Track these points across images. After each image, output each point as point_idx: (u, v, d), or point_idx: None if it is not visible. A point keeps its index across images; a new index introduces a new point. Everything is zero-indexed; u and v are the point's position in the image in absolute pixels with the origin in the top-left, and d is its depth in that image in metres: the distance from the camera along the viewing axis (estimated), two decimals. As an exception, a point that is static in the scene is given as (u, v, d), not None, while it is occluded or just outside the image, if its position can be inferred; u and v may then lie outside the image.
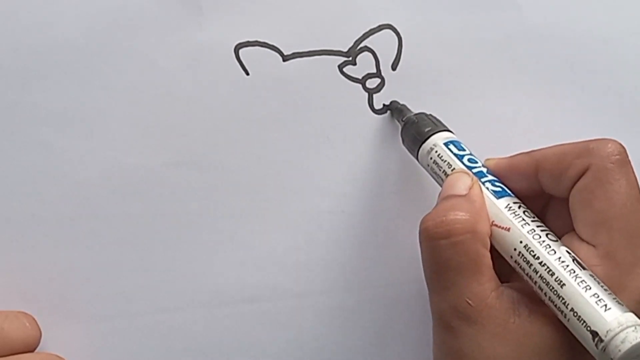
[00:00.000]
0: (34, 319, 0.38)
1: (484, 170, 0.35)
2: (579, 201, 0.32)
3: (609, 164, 0.32)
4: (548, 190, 0.34)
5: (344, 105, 0.40)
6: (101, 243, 0.38)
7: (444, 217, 0.31)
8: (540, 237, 0.31)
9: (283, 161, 0.39)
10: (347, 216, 0.40)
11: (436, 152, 0.36)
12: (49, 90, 0.37)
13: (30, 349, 0.37)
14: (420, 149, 0.36)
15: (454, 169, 0.35)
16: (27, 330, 0.37)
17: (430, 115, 0.38)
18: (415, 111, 0.38)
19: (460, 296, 0.31)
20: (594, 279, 0.30)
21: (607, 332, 0.28)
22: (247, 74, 0.39)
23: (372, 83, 0.40)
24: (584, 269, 0.30)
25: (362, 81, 0.40)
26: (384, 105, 0.40)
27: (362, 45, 0.40)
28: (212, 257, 0.39)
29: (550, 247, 0.31)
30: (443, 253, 0.31)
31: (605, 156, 0.32)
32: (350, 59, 0.40)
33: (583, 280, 0.30)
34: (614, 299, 0.29)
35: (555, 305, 0.30)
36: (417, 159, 0.37)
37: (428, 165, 0.36)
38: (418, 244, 0.34)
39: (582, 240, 0.32)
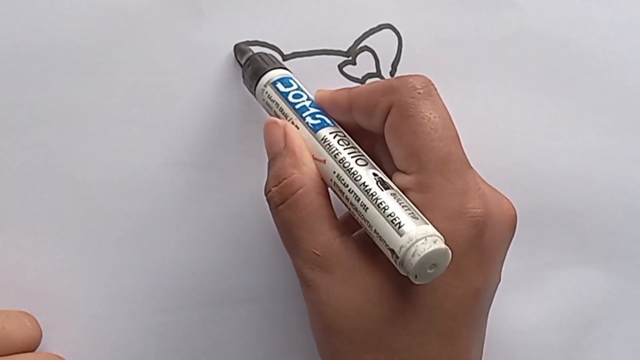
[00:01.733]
0: (34, 318, 0.38)
1: (307, 104, 0.35)
2: (390, 138, 0.33)
3: (410, 98, 0.32)
4: (365, 127, 0.35)
5: (344, 105, 0.40)
6: (101, 243, 0.38)
7: (274, 184, 0.33)
8: (349, 164, 0.32)
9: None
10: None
11: (266, 92, 0.36)
12: (49, 90, 0.37)
13: (31, 348, 0.37)
14: (256, 89, 0.37)
15: (281, 108, 0.35)
16: (28, 330, 0.37)
17: (267, 54, 0.38)
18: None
19: (307, 249, 0.32)
20: (394, 197, 0.31)
21: (400, 248, 0.29)
22: (247, 73, 0.39)
23: (372, 83, 0.40)
24: (386, 189, 0.31)
25: (362, 81, 0.40)
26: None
27: (362, 45, 0.40)
28: (212, 257, 0.39)
29: (357, 172, 0.32)
30: (284, 216, 0.33)
31: (406, 92, 0.33)
32: (350, 58, 0.40)
33: (382, 202, 0.31)
34: (411, 214, 0.30)
35: (366, 230, 0.31)
36: (256, 99, 0.37)
37: (263, 106, 0.37)
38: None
39: (399, 171, 0.33)
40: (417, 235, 0.29)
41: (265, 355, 0.40)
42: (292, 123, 0.35)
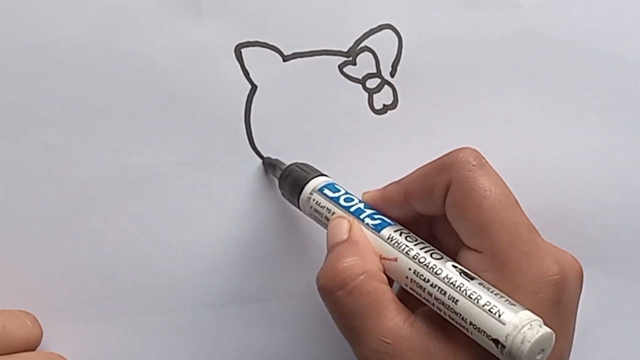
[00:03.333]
0: (35, 318, 0.38)
1: (362, 206, 0.35)
2: (454, 216, 0.32)
3: (467, 172, 0.32)
4: (426, 213, 0.34)
5: (344, 105, 0.40)
6: (101, 243, 0.38)
7: (333, 268, 0.32)
8: (425, 259, 0.32)
9: (283, 161, 0.39)
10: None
11: (314, 200, 0.36)
12: (49, 90, 0.37)
13: (32, 348, 0.37)
14: (300, 200, 0.36)
15: (333, 213, 0.35)
16: (29, 330, 0.37)
17: (303, 163, 0.38)
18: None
19: (375, 338, 0.31)
20: (484, 286, 0.30)
21: (506, 337, 0.28)
22: (247, 74, 0.39)
23: (372, 83, 0.40)
24: (472, 279, 0.31)
25: (362, 81, 0.40)
26: (383, 105, 0.40)
27: (362, 45, 0.40)
28: (212, 257, 0.39)
29: (436, 266, 0.31)
30: (344, 303, 0.31)
31: (461, 166, 0.32)
32: (350, 59, 0.40)
33: (473, 292, 0.30)
34: (506, 301, 0.30)
35: (457, 322, 0.30)
36: (300, 209, 0.37)
37: (311, 214, 0.36)
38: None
39: (470, 249, 0.32)
40: (521, 322, 0.28)
41: (266, 355, 0.40)
42: None
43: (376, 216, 0.34)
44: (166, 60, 0.38)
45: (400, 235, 0.33)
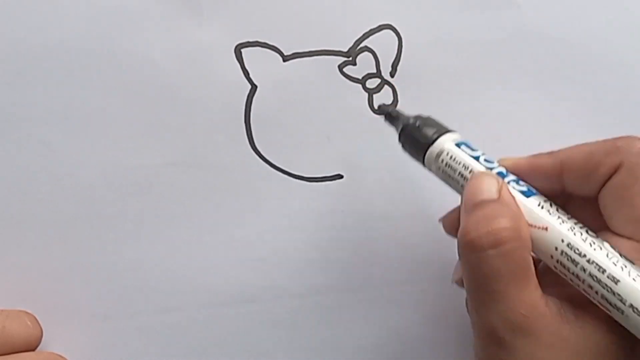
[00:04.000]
0: (35, 318, 0.38)
1: (504, 170, 0.33)
2: (614, 199, 0.31)
3: None
4: (572, 191, 0.33)
5: (344, 105, 0.40)
6: (101, 243, 0.38)
7: (489, 225, 0.30)
8: (582, 234, 0.30)
9: (283, 161, 0.39)
10: (346, 216, 0.40)
11: (448, 154, 0.33)
12: (49, 90, 0.37)
13: (32, 347, 0.37)
14: (427, 154, 0.34)
15: (471, 171, 0.33)
16: (29, 329, 0.37)
17: (429, 117, 0.36)
18: (410, 113, 0.37)
19: (513, 307, 0.29)
20: None
21: None
22: (247, 74, 0.39)
23: (372, 83, 0.40)
24: (633, 263, 0.29)
25: (362, 81, 0.40)
26: (379, 106, 0.40)
27: (362, 45, 0.40)
28: (212, 257, 0.39)
29: (595, 243, 0.30)
30: (492, 263, 0.30)
31: (636, 152, 0.31)
32: (350, 59, 0.40)
33: (638, 274, 0.28)
34: None
35: (610, 303, 0.29)
36: (423, 163, 0.35)
37: (439, 168, 0.34)
38: (418, 245, 0.34)
39: (623, 236, 0.31)
40: None
41: (266, 355, 0.40)
42: None
43: (521, 182, 0.32)
44: (166, 60, 0.38)
45: (551, 205, 0.31)
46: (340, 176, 0.40)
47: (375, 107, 0.40)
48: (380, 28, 0.40)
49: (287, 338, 0.40)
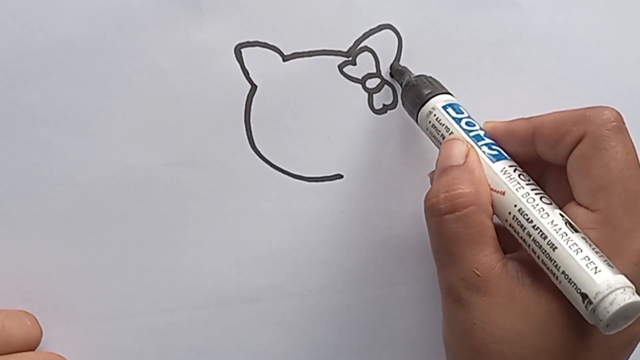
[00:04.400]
0: (35, 317, 0.38)
1: (482, 133, 0.35)
2: (576, 168, 0.32)
3: (605, 130, 0.32)
4: (545, 157, 0.34)
5: (344, 105, 0.40)
6: (101, 243, 0.38)
7: (447, 192, 0.32)
8: (534, 200, 0.31)
9: (283, 161, 0.39)
10: (346, 216, 0.40)
11: (434, 115, 0.35)
12: (49, 90, 0.37)
13: (31, 347, 0.37)
14: (420, 112, 0.36)
15: (451, 132, 0.35)
16: (28, 329, 0.37)
17: (431, 77, 0.38)
18: (416, 73, 0.38)
19: (468, 267, 0.31)
20: (586, 241, 0.30)
21: (596, 294, 0.28)
22: (247, 74, 0.39)
23: (372, 83, 0.40)
24: (576, 231, 0.30)
25: (362, 81, 0.40)
26: (383, 105, 0.40)
27: (362, 45, 0.40)
28: (212, 257, 0.39)
29: (543, 210, 0.31)
30: (449, 227, 0.32)
31: (601, 123, 0.32)
32: (350, 59, 0.40)
33: (575, 244, 0.30)
34: (605, 261, 0.29)
35: (548, 269, 0.30)
36: (416, 122, 0.37)
37: (427, 128, 0.36)
38: (418, 245, 0.34)
39: (581, 205, 0.32)
40: (616, 284, 0.28)
41: (266, 355, 0.40)
42: None
43: (494, 147, 0.34)
44: (166, 60, 0.38)
45: (515, 171, 0.33)
46: (340, 176, 0.40)
47: (375, 107, 0.40)
48: (380, 28, 0.40)
49: (287, 338, 0.40)
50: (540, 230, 0.31)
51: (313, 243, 0.40)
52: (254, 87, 0.39)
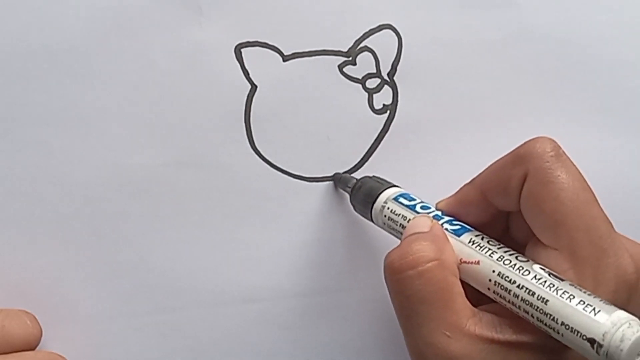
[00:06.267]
0: (34, 317, 0.38)
1: (439, 213, 0.35)
2: (529, 209, 0.31)
3: (545, 163, 0.31)
4: (503, 208, 0.33)
5: (344, 105, 0.40)
6: (101, 243, 0.38)
7: (408, 248, 0.30)
8: (510, 261, 0.31)
9: (283, 161, 0.39)
10: (347, 216, 0.40)
11: (388, 208, 0.36)
12: (49, 90, 0.37)
13: (31, 347, 0.37)
14: (373, 210, 0.36)
15: (409, 220, 0.34)
16: (28, 329, 0.37)
17: (374, 176, 0.38)
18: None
19: (436, 329, 0.29)
20: (575, 287, 0.29)
21: (603, 335, 0.27)
22: (247, 74, 0.39)
23: (372, 83, 0.40)
24: (562, 280, 0.30)
25: (362, 81, 0.40)
26: (383, 105, 0.40)
27: (362, 45, 0.40)
28: (212, 257, 0.39)
29: (523, 268, 0.30)
30: (411, 285, 0.30)
31: (538, 157, 0.31)
32: (350, 59, 0.40)
33: (565, 291, 0.29)
34: (599, 300, 0.29)
35: (545, 324, 0.29)
36: (372, 220, 0.37)
37: (384, 223, 0.36)
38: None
39: (547, 247, 0.31)
40: (620, 320, 0.27)
41: (266, 355, 0.40)
42: None
43: (455, 222, 0.34)
44: (166, 60, 0.38)
45: (482, 239, 0.32)
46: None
47: (375, 107, 0.40)
48: (380, 28, 0.40)
49: (287, 338, 0.40)
50: (527, 288, 0.30)
51: (313, 243, 0.40)
52: (254, 87, 0.39)
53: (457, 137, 0.40)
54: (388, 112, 0.40)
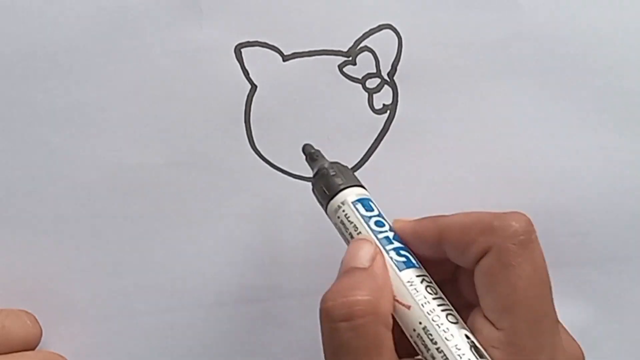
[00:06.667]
0: (34, 317, 0.38)
1: (390, 235, 0.33)
2: (482, 282, 0.31)
3: (512, 245, 0.30)
4: (454, 260, 0.33)
5: (344, 105, 0.40)
6: (101, 243, 0.38)
7: (345, 297, 0.30)
8: (439, 318, 0.30)
9: (283, 161, 0.39)
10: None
11: (343, 211, 0.33)
12: (49, 90, 0.37)
13: (31, 347, 0.37)
14: (329, 205, 0.34)
15: (359, 232, 0.33)
16: (28, 329, 0.37)
17: (344, 166, 0.35)
18: (332, 159, 0.36)
19: None
20: None
21: None
22: (247, 74, 0.39)
23: (372, 83, 0.40)
24: (481, 357, 0.29)
25: (362, 81, 0.40)
26: (383, 105, 0.40)
27: (362, 45, 0.40)
28: (212, 257, 0.39)
29: (448, 330, 0.30)
30: (343, 335, 0.29)
31: (507, 236, 0.30)
32: (350, 59, 0.40)
33: None
34: None
35: None
36: (326, 213, 0.35)
37: (336, 223, 0.34)
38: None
39: (487, 319, 0.31)
40: None
41: (266, 355, 0.40)
42: None
43: (402, 252, 0.32)
44: (166, 60, 0.38)
45: (422, 282, 0.31)
46: (340, 176, 0.40)
47: (375, 107, 0.40)
48: (380, 28, 0.40)
49: (287, 338, 0.40)
50: (444, 355, 0.29)
51: (313, 243, 0.40)
52: (254, 87, 0.39)
53: (457, 137, 0.40)
54: (388, 112, 0.40)
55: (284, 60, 0.39)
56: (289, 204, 0.39)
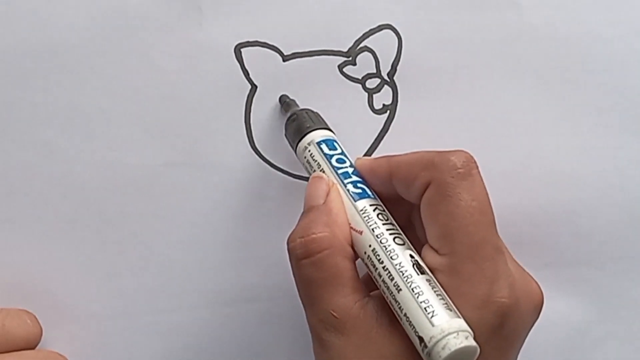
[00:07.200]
0: (35, 316, 0.38)
1: (350, 170, 0.35)
2: (425, 214, 0.33)
3: (450, 177, 0.32)
4: (402, 195, 0.34)
5: (344, 105, 0.40)
6: (101, 243, 0.38)
7: (302, 237, 0.33)
8: (387, 240, 0.32)
9: (283, 161, 0.39)
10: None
11: (309, 151, 0.36)
12: (49, 90, 0.38)
13: (31, 346, 0.38)
14: (298, 146, 0.37)
15: (323, 170, 0.35)
16: (28, 328, 0.37)
17: (315, 112, 0.38)
18: (309, 107, 0.38)
19: (326, 309, 0.32)
20: (430, 284, 0.31)
21: (430, 338, 0.29)
22: (247, 74, 0.39)
23: (372, 83, 0.40)
24: (422, 273, 0.31)
25: (362, 81, 0.40)
26: (383, 105, 0.40)
27: (362, 45, 0.40)
28: (212, 257, 0.39)
29: (394, 251, 0.32)
30: (306, 271, 0.32)
31: (446, 170, 0.32)
32: (350, 59, 0.40)
33: (417, 286, 0.30)
34: (445, 305, 0.30)
35: (395, 310, 0.31)
36: (296, 155, 0.37)
37: (303, 163, 0.36)
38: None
39: (432, 248, 0.32)
40: (449, 329, 0.29)
41: (266, 355, 0.40)
42: None
43: (359, 185, 0.34)
44: (166, 60, 0.38)
45: (374, 210, 0.33)
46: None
47: (375, 107, 0.40)
48: (380, 28, 0.40)
49: (287, 338, 0.40)
50: (389, 272, 0.31)
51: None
52: (254, 87, 0.39)
53: (456, 137, 0.40)
54: (388, 112, 0.40)
55: (284, 60, 0.39)
56: (289, 204, 0.39)
